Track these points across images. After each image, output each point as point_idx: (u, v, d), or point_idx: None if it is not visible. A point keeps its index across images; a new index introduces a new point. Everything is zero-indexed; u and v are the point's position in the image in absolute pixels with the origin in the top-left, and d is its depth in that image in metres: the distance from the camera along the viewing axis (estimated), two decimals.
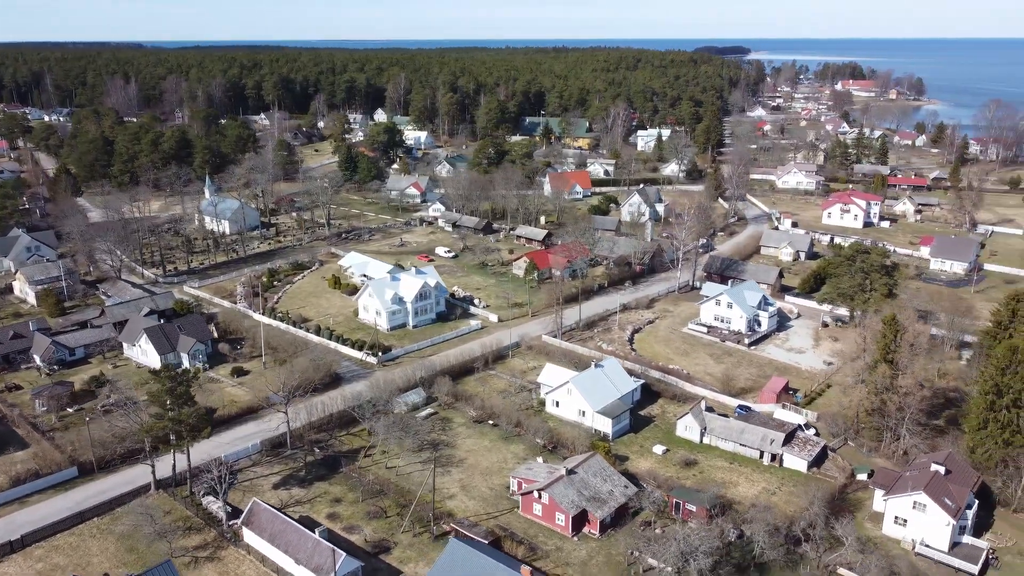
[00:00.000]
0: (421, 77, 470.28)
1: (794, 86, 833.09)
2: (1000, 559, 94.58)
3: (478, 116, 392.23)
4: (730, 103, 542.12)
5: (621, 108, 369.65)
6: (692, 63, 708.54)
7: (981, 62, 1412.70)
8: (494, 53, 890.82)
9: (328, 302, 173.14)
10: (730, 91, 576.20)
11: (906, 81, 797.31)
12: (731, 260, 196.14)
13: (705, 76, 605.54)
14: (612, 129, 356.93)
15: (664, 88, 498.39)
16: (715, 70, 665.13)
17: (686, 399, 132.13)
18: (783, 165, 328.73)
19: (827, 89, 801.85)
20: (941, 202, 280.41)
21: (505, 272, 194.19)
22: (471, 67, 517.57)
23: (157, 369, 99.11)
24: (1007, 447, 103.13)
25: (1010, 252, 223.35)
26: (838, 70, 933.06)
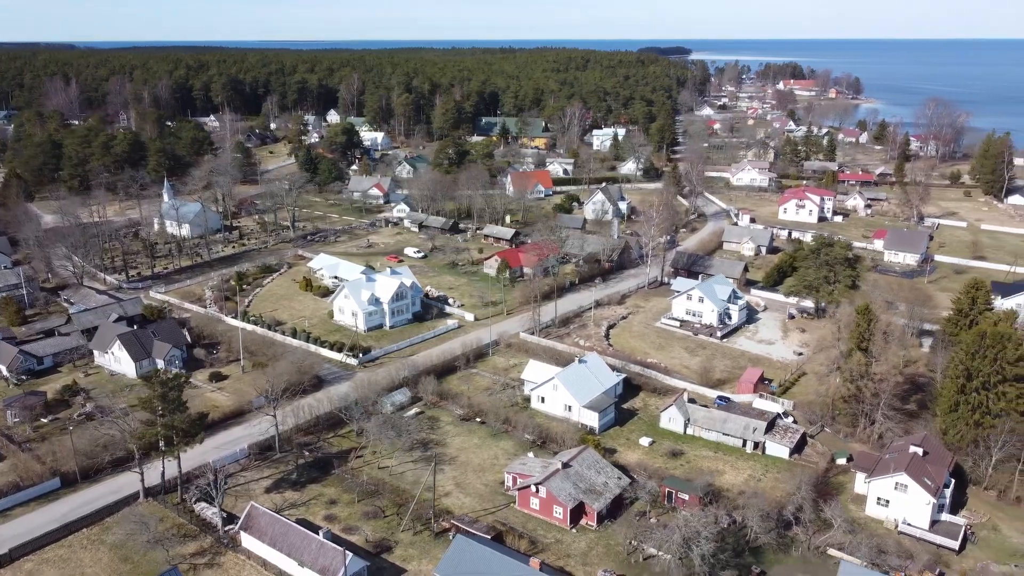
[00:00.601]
0: (374, 78, 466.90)
1: (738, 86, 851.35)
2: (976, 534, 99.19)
3: (434, 117, 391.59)
4: (679, 102, 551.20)
5: (576, 108, 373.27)
6: (640, 63, 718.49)
7: (913, 62, 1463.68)
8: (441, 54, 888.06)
9: (301, 304, 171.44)
10: (678, 91, 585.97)
11: (844, 80, 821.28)
12: (697, 255, 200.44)
13: (654, 76, 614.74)
14: (568, 129, 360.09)
15: (616, 88, 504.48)
16: (663, 70, 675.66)
17: (666, 392, 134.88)
18: (737, 163, 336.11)
19: (769, 88, 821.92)
20: (889, 197, 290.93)
21: (476, 271, 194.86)
22: (424, 68, 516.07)
23: (148, 374, 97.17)
24: (977, 428, 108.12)
25: (956, 243, 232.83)
26: (779, 70, 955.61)
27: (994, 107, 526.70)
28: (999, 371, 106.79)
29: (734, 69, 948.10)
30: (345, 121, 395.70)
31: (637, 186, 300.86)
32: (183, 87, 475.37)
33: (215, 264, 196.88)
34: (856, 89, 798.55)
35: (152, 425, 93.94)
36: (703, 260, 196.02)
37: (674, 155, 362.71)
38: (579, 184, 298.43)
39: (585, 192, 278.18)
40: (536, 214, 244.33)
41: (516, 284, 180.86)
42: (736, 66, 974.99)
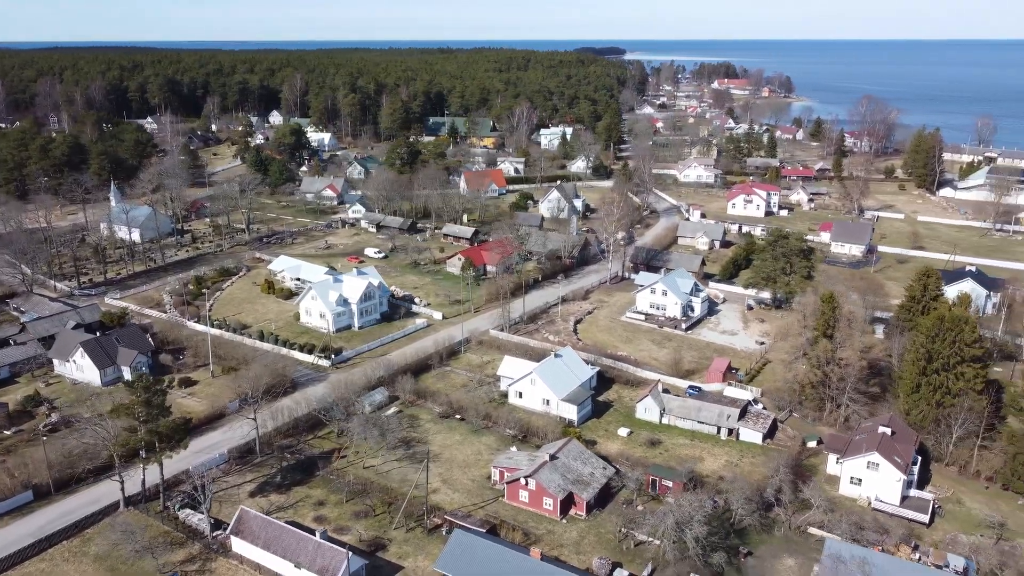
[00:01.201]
0: (317, 78, 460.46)
1: (676, 85, 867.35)
2: (943, 508, 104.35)
3: (381, 117, 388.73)
4: (621, 101, 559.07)
5: (524, 107, 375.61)
6: (580, 63, 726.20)
7: (839, 62, 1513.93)
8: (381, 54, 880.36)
9: (264, 307, 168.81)
10: (620, 90, 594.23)
11: (776, 79, 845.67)
12: (655, 250, 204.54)
13: (595, 76, 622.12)
14: (517, 128, 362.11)
15: (560, 88, 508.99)
16: (603, 70, 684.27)
17: (638, 384, 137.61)
18: (683, 160, 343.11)
19: (704, 88, 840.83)
20: (829, 191, 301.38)
21: (439, 270, 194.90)
22: (369, 68, 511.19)
23: (131, 380, 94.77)
24: (939, 407, 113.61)
25: (896, 234, 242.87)
26: (713, 69, 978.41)
27: (923, 105, 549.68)
28: (957, 353, 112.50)
29: (670, 69, 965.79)
30: (290, 122, 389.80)
31: (588, 184, 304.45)
32: (118, 88, 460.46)
33: (170, 268, 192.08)
34: (788, 88, 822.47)
35: (135, 431, 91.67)
36: (661, 255, 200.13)
37: (621, 153, 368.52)
38: (532, 183, 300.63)
39: (539, 190, 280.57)
40: (493, 213, 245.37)
41: (481, 282, 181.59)
42: (672, 66, 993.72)
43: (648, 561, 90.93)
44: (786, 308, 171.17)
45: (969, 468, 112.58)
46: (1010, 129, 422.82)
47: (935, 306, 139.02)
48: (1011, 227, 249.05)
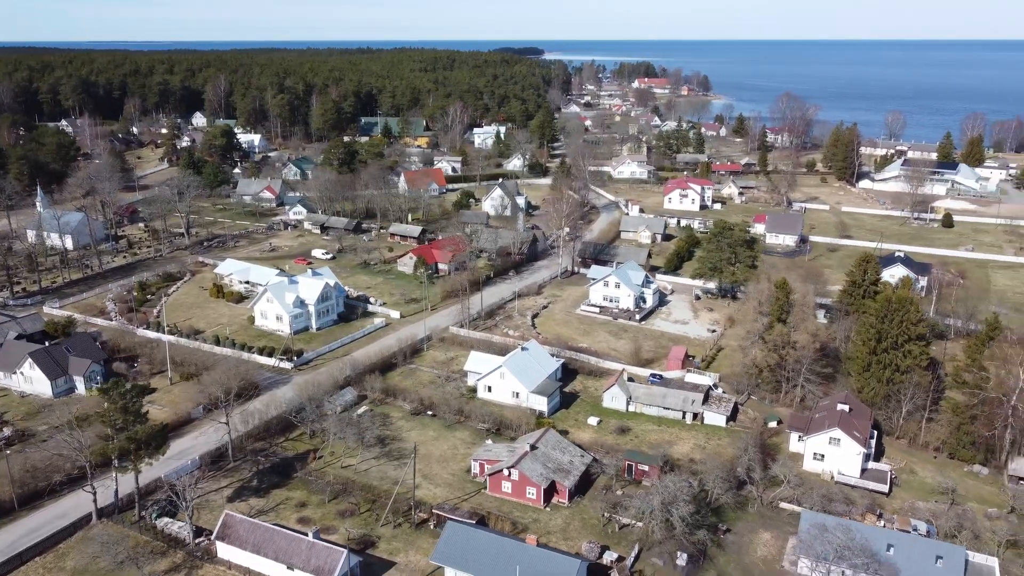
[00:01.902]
0: (241, 79, 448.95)
1: (598, 84, 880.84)
2: (899, 478, 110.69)
3: (312, 117, 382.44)
4: (548, 100, 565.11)
5: (457, 107, 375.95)
6: (505, 63, 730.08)
7: (756, 61, 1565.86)
8: (298, 54, 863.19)
9: (215, 312, 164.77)
10: (546, 90, 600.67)
11: (694, 78, 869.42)
12: (602, 245, 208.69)
13: (521, 75, 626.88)
14: (452, 127, 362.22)
15: (488, 87, 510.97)
16: (528, 69, 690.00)
17: (601, 374, 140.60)
18: (616, 158, 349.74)
19: (626, 87, 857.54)
20: (758, 185, 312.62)
21: (390, 270, 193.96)
22: (295, 68, 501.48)
23: (106, 387, 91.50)
24: (889, 384, 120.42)
25: (824, 224, 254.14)
26: (633, 69, 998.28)
27: (839, 102, 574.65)
28: (905, 332, 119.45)
29: (591, 68, 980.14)
30: (215, 123, 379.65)
31: (526, 182, 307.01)
32: (27, 90, 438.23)
33: (109, 275, 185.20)
34: (705, 86, 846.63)
35: (111, 439, 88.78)
36: (609, 249, 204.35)
37: (554, 152, 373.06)
38: (470, 181, 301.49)
39: (480, 189, 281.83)
40: (436, 212, 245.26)
41: (435, 281, 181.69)
42: (593, 66, 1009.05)
43: (635, 543, 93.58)
44: (733, 297, 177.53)
45: (918, 440, 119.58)
46: (917, 124, 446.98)
47: (875, 290, 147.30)
48: (927, 215, 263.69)
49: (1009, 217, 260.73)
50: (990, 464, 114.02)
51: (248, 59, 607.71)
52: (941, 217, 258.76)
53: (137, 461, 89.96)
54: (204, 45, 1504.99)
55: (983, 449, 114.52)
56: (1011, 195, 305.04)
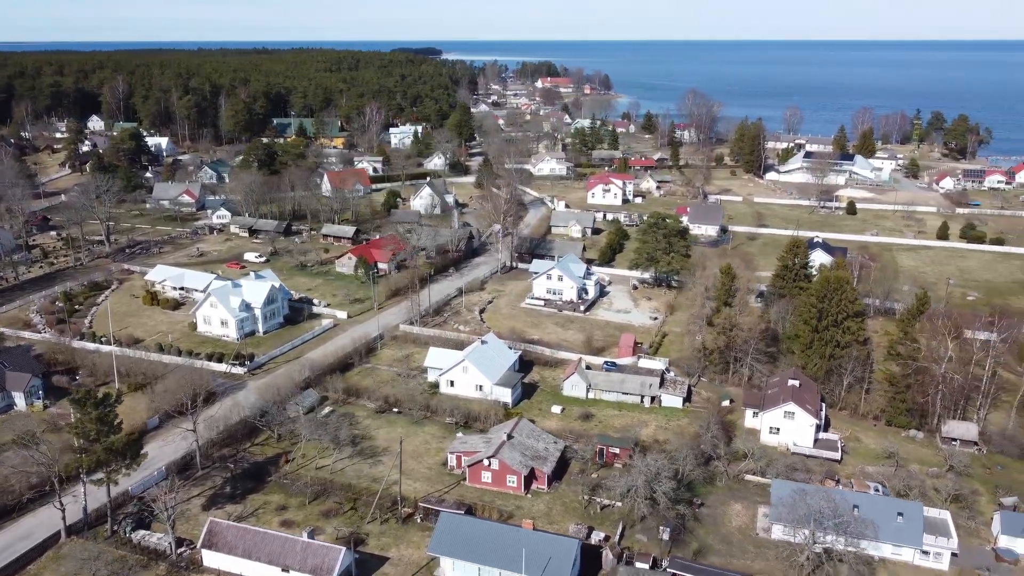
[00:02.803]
0: (141, 80, 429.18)
1: (504, 84, 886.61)
2: (847, 446, 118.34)
3: (222, 119, 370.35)
4: (458, 99, 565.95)
5: (373, 106, 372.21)
6: (410, 63, 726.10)
7: (648, 60, 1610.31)
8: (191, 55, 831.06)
9: (152, 320, 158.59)
10: (455, 89, 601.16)
11: (596, 78, 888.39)
12: (538, 240, 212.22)
13: (429, 75, 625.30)
14: (369, 127, 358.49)
15: (398, 87, 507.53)
16: (435, 69, 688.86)
17: (556, 364, 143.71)
18: (535, 155, 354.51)
19: (530, 86, 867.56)
20: (673, 179, 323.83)
21: (328, 271, 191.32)
22: (195, 68, 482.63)
23: (78, 397, 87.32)
24: (831, 360, 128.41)
25: (740, 215, 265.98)
26: (536, 68, 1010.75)
27: (741, 99, 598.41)
28: (844, 310, 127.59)
29: (494, 68, 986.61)
30: (116, 126, 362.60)
31: (448, 180, 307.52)
32: None
33: (27, 287, 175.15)
34: (607, 85, 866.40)
35: (84, 452, 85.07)
36: (545, 244, 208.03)
37: (472, 150, 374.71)
38: (394, 181, 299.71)
39: (405, 188, 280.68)
40: (366, 212, 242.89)
41: (377, 280, 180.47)
42: (495, 65, 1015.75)
43: (617, 521, 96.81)
44: (668, 285, 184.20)
45: (859, 410, 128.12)
46: (812, 119, 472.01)
47: (806, 273, 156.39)
48: (832, 204, 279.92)
49: (905, 204, 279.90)
50: (924, 428, 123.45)
51: (143, 60, 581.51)
52: (845, 205, 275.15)
53: (114, 473, 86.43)
54: (84, 46, 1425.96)
55: (917, 415, 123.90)
56: (903, 183, 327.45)
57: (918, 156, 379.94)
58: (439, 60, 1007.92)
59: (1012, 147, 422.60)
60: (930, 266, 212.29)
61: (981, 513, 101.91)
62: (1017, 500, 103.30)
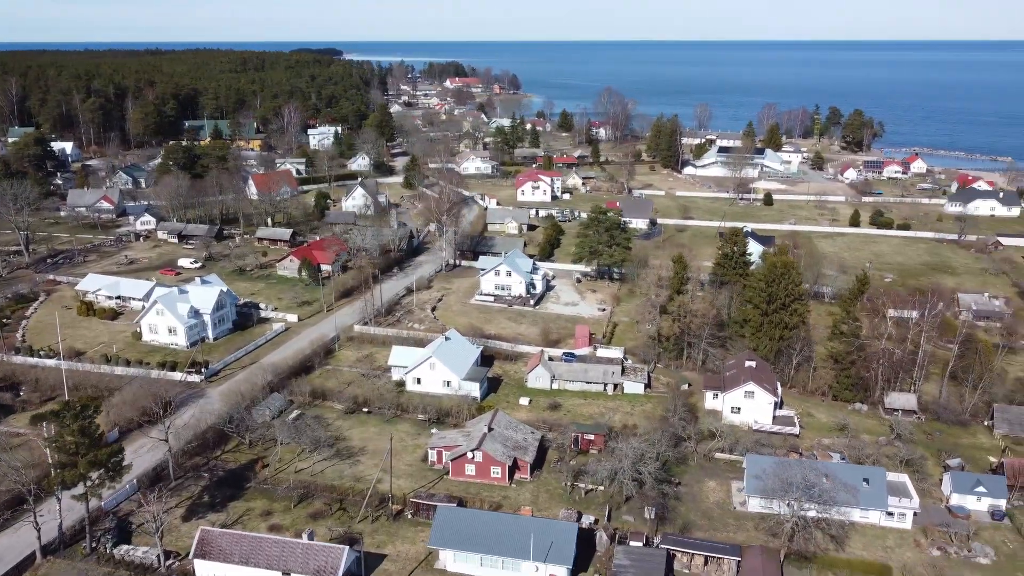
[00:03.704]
0: (35, 82, 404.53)
1: (413, 84, 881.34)
2: (802, 421, 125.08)
3: (130, 122, 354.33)
4: (371, 100, 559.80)
5: (291, 107, 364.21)
6: (318, 63, 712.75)
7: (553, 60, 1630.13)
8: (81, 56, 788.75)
9: (91, 331, 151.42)
10: (367, 90, 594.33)
11: (504, 77, 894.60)
12: (479, 237, 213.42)
13: (339, 75, 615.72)
14: (288, 129, 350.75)
15: (311, 87, 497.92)
16: (344, 69, 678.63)
17: (516, 357, 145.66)
18: (460, 154, 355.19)
19: (437, 86, 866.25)
20: (597, 175, 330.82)
21: (270, 274, 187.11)
22: (97, 70, 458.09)
23: (57, 410, 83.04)
24: (780, 341, 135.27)
25: (665, 208, 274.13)
26: (443, 68, 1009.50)
27: (653, 97, 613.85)
28: (791, 293, 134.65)
29: (401, 69, 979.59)
30: (11, 131, 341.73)
31: (374, 180, 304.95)
32: None
33: None
34: (515, 85, 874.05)
35: (69, 467, 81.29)
36: (486, 241, 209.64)
37: (393, 151, 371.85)
38: (318, 183, 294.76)
39: (333, 189, 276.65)
40: (298, 214, 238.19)
41: (323, 282, 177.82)
42: (403, 65, 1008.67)
43: (602, 505, 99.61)
44: (610, 278, 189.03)
45: (808, 387, 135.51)
46: (720, 116, 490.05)
47: (745, 261, 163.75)
48: (750, 196, 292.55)
49: (816, 194, 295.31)
50: (867, 401, 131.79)
51: (34, 60, 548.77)
52: (762, 197, 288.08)
53: (98, 487, 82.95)
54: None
55: (861, 389, 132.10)
56: (810, 175, 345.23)
57: (820, 149, 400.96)
58: (347, 61, 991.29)
59: (902, 139, 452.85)
60: (847, 251, 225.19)
61: (930, 475, 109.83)
62: (961, 461, 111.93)
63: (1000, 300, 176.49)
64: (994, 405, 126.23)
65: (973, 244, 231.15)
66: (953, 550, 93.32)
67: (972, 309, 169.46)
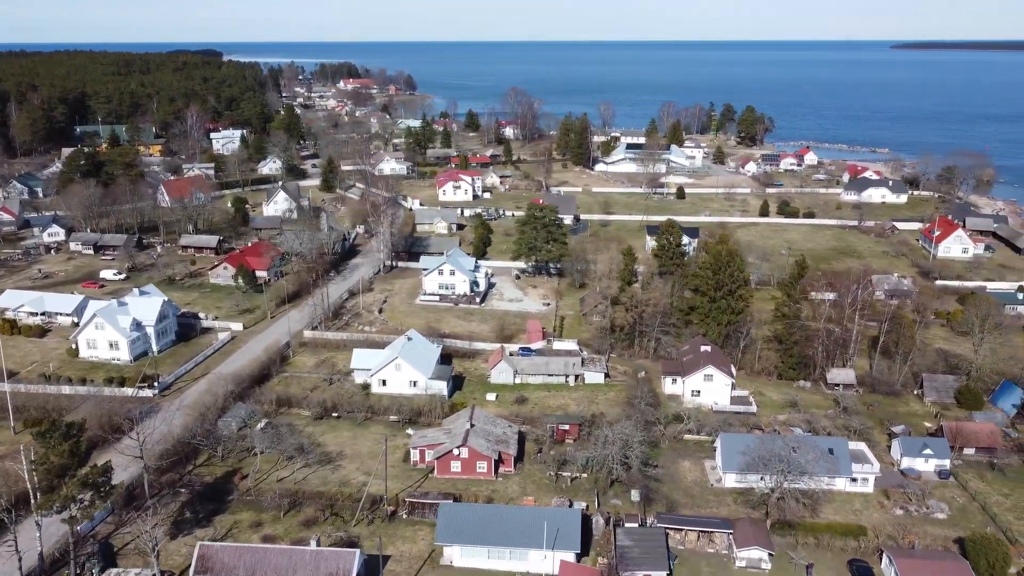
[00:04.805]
0: None
1: (308, 86, 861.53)
2: (756, 400, 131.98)
3: (15, 128, 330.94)
4: (268, 103, 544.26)
5: (194, 111, 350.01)
6: (207, 64, 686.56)
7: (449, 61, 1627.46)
8: None
9: (19, 349, 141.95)
10: (262, 92, 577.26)
11: (399, 78, 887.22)
12: (412, 238, 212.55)
13: (232, 78, 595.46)
14: (191, 133, 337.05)
15: (205, 90, 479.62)
16: (237, 71, 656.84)
17: (473, 355, 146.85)
18: (374, 155, 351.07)
19: (331, 87, 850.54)
20: (513, 174, 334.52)
21: (201, 283, 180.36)
22: None
23: (42, 431, 78.00)
24: (728, 326, 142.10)
25: (585, 204, 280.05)
26: (336, 69, 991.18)
27: (559, 96, 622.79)
28: (736, 280, 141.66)
29: (292, 70, 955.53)
30: None
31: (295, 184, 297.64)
32: None
33: None
34: (411, 86, 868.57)
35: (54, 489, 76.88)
36: (422, 241, 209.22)
37: (303, 153, 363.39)
38: (231, 188, 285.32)
39: (250, 194, 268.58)
40: (220, 220, 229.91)
41: (259, 288, 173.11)
42: (293, 67, 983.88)
43: (589, 491, 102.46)
44: (548, 273, 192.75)
45: (755, 368, 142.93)
46: (622, 114, 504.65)
47: (681, 252, 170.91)
48: (663, 190, 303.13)
49: (725, 187, 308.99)
50: (810, 379, 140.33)
51: None
52: (675, 191, 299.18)
53: (91, 508, 78.84)
54: None
55: (804, 368, 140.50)
56: (713, 169, 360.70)
57: (719, 144, 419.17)
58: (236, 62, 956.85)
59: (790, 133, 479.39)
60: (761, 240, 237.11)
61: (878, 443, 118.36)
62: (905, 427, 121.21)
63: (908, 280, 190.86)
64: (923, 375, 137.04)
65: (872, 229, 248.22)
66: (913, 508, 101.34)
67: (885, 289, 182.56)
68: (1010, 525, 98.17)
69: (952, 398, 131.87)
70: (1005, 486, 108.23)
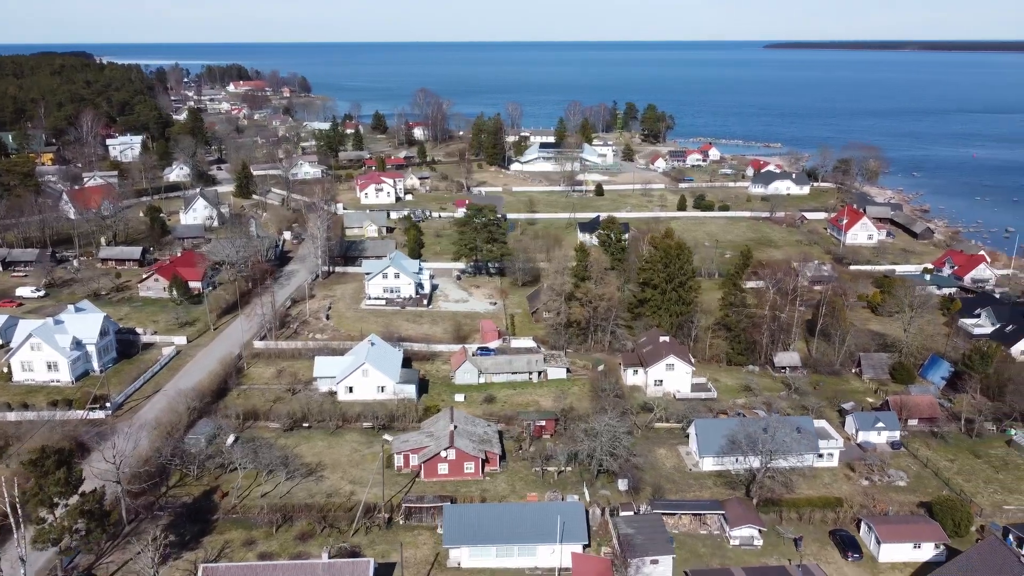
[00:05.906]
0: None
1: (198, 88, 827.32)
2: (713, 385, 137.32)
3: None
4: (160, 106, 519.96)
5: (90, 116, 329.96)
6: (87, 67, 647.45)
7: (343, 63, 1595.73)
8: None
9: None
10: (152, 94, 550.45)
11: (294, 80, 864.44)
12: (349, 242, 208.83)
13: (119, 80, 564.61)
14: (88, 140, 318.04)
15: (90, 93, 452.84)
16: (124, 74, 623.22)
17: (432, 357, 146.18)
18: (289, 159, 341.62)
19: (220, 89, 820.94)
20: (431, 175, 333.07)
21: (130, 297, 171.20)
22: None
23: (34, 459, 72.31)
24: (679, 316, 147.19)
25: (509, 203, 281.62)
26: (224, 72, 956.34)
27: (466, 97, 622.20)
28: (685, 272, 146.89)
29: (176, 72, 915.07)
30: None
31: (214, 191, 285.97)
32: None
33: None
34: (306, 88, 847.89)
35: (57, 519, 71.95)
36: (357, 245, 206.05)
37: (209, 158, 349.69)
38: (143, 196, 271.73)
39: (158, 202, 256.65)
40: (136, 230, 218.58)
41: (194, 300, 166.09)
42: (178, 69, 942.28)
43: (577, 483, 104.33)
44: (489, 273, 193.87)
45: (706, 356, 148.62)
46: (528, 114, 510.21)
47: (622, 247, 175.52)
48: (582, 188, 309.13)
49: (640, 183, 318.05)
50: (758, 363, 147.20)
51: None
52: (594, 188, 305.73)
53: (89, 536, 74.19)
54: None
55: (751, 353, 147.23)
56: (624, 166, 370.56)
57: (625, 141, 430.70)
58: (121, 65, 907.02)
59: (690, 131, 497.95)
60: (685, 233, 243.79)
61: (831, 420, 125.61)
62: (854, 403, 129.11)
63: (827, 266, 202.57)
64: (860, 354, 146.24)
65: (784, 220, 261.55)
66: (876, 478, 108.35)
67: (808, 275, 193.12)
68: (962, 487, 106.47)
69: (887, 374, 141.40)
70: (949, 452, 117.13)
